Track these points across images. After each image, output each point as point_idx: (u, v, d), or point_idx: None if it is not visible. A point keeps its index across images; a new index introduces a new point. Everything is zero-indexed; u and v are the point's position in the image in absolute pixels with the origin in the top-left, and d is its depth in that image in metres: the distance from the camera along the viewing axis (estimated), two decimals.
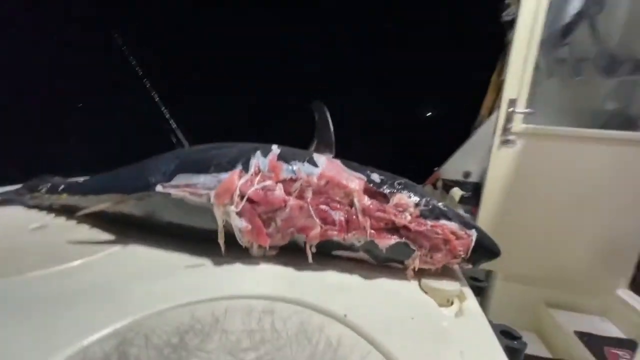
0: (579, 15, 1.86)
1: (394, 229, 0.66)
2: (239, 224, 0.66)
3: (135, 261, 0.70)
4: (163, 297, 0.56)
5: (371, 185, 0.69)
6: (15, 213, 0.93)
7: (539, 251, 1.78)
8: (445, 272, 0.68)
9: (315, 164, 0.71)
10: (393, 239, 0.65)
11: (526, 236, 1.75)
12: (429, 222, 0.65)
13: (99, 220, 0.85)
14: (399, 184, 0.70)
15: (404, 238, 0.65)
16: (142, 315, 0.51)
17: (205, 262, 0.69)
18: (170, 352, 0.45)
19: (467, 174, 2.33)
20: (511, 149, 1.70)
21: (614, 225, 1.70)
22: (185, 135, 1.70)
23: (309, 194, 0.69)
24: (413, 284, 0.66)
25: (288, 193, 0.69)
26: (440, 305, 0.60)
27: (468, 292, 0.64)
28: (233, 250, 0.69)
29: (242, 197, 0.67)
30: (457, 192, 2.12)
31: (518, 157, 1.70)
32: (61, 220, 0.88)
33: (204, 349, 0.46)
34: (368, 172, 0.71)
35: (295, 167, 0.70)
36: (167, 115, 1.85)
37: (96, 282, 0.61)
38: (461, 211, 1.23)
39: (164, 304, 0.54)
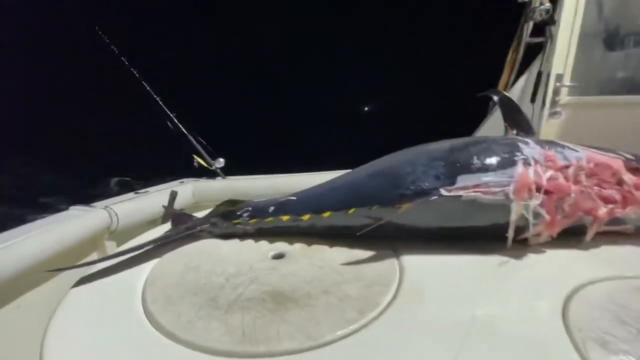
0: None
1: None
2: (545, 217, 0.68)
3: (446, 264, 0.69)
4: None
5: (628, 162, 0.75)
6: (223, 244, 0.80)
7: None
8: None
9: (573, 149, 0.75)
10: None
11: None
12: None
13: (321, 240, 0.79)
14: None
15: None
16: None
17: (510, 260, 0.69)
18: None
19: None
20: (557, 120, 1.91)
21: None
22: None
23: (582, 178, 0.73)
24: None
25: (566, 179, 0.72)
26: None
27: None
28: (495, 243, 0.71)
29: (538, 189, 0.69)
30: None
31: (564, 126, 1.92)
32: (283, 244, 0.79)
33: None
34: (617, 151, 0.78)
35: (565, 154, 0.73)
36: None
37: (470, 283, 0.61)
38: None
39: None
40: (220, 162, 2.80)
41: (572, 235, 0.74)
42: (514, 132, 0.92)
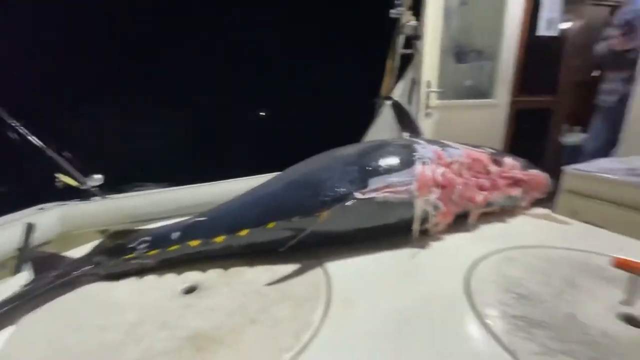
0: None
1: (514, 183, 0.93)
2: (442, 208, 0.77)
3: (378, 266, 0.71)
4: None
5: (491, 155, 0.92)
6: (116, 287, 0.64)
7: None
8: None
9: (455, 147, 0.88)
10: (518, 190, 0.92)
11: None
12: (528, 172, 0.96)
13: (239, 260, 0.72)
14: (499, 151, 0.96)
15: (522, 187, 0.94)
16: None
17: (419, 251, 0.76)
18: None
19: None
20: (430, 120, 2.25)
21: None
22: None
23: (463, 171, 0.86)
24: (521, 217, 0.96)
25: (453, 174, 0.83)
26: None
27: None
28: (403, 237, 0.79)
29: (435, 185, 0.77)
30: None
31: (433, 125, 2.28)
32: (194, 273, 0.68)
33: None
34: (481, 146, 0.94)
35: (449, 152, 0.85)
36: None
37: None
38: None
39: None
40: (96, 178, 2.33)
41: (459, 220, 0.87)
42: (407, 134, 1.03)
